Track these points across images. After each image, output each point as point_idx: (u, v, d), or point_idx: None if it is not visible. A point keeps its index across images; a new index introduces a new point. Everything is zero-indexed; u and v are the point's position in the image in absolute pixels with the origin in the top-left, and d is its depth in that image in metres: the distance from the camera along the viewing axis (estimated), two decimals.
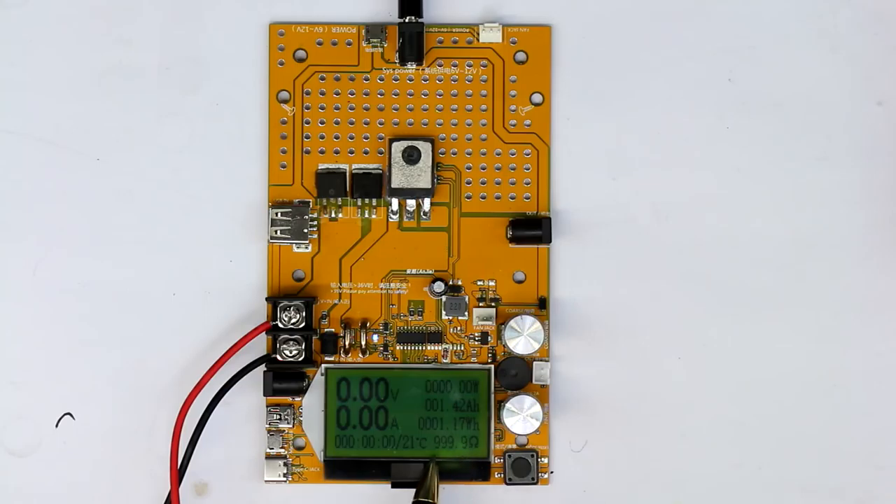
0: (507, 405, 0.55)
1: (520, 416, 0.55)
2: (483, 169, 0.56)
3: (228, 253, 0.57)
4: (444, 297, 0.56)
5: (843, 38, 0.57)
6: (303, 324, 0.55)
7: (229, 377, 0.55)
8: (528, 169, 0.56)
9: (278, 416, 0.56)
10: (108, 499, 0.57)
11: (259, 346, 0.56)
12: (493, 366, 0.56)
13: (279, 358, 0.55)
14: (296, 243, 0.56)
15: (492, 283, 0.56)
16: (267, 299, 0.56)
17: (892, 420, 0.51)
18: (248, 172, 0.57)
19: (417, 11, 0.55)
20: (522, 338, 0.55)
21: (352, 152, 0.56)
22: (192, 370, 0.56)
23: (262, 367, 0.55)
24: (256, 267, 0.57)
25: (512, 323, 0.55)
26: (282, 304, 0.55)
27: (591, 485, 0.57)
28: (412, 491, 0.56)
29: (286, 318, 0.55)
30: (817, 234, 0.56)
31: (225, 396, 0.55)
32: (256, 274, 0.57)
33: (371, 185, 0.56)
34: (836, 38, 0.57)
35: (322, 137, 0.56)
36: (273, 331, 0.55)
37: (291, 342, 0.55)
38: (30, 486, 0.57)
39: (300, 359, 0.55)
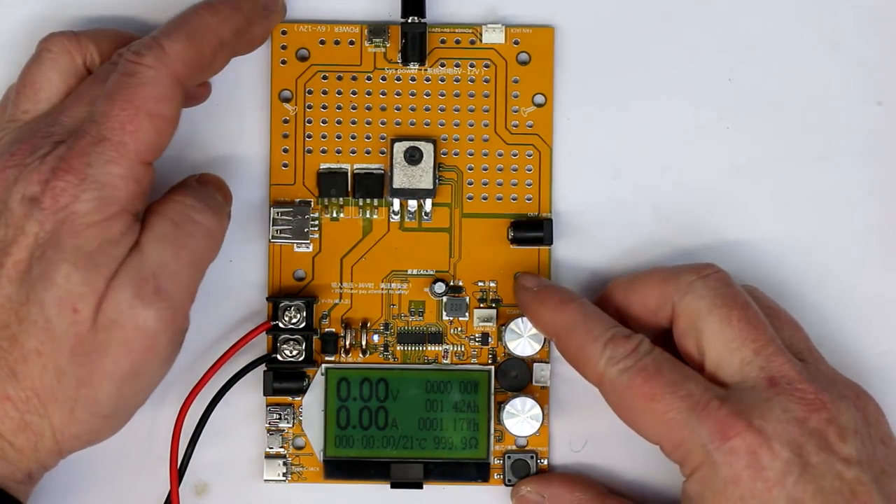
0: (507, 407, 0.55)
1: (520, 417, 0.55)
2: (485, 170, 0.56)
3: (229, 252, 0.57)
4: (444, 298, 0.56)
5: (843, 38, 0.57)
6: (303, 324, 0.55)
7: (229, 377, 0.55)
8: (529, 170, 0.56)
9: (278, 416, 0.56)
10: (109, 499, 0.56)
11: (259, 345, 0.56)
12: (493, 367, 0.56)
13: (279, 358, 0.55)
14: (297, 243, 0.56)
15: (493, 284, 0.56)
16: (268, 299, 0.56)
17: (893, 420, 0.51)
18: (249, 172, 0.57)
19: (420, 12, 0.55)
20: (523, 339, 0.55)
21: (353, 152, 0.56)
22: (192, 370, 0.56)
23: (263, 367, 0.55)
24: (257, 266, 0.57)
25: (512, 325, 0.55)
26: (282, 304, 0.55)
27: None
28: (412, 491, 0.56)
29: (287, 318, 0.55)
30: (817, 234, 0.56)
31: (225, 396, 0.55)
32: (257, 273, 0.57)
33: (373, 186, 0.56)
34: (836, 38, 0.57)
35: (324, 137, 0.56)
36: (273, 330, 0.55)
37: (292, 342, 0.55)
38: None
39: (300, 359, 0.55)
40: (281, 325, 0.55)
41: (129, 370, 0.49)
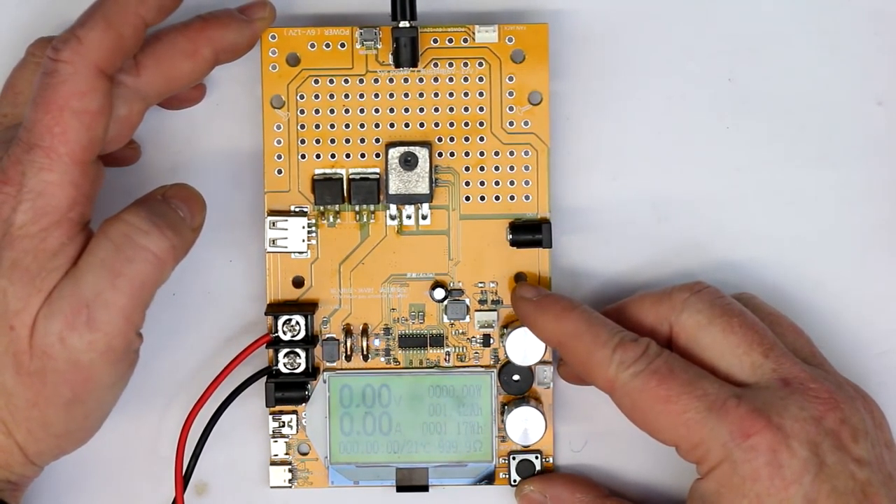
0: (511, 415, 0.55)
1: (523, 425, 0.55)
2: (482, 170, 0.56)
3: (228, 254, 0.56)
4: (445, 303, 0.56)
5: (843, 38, 0.56)
6: (303, 333, 0.55)
7: (231, 389, 0.55)
8: (527, 169, 0.56)
9: (282, 424, 0.56)
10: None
11: (261, 354, 0.55)
12: (495, 370, 0.56)
13: (281, 370, 0.55)
14: (294, 252, 0.55)
15: (493, 285, 0.56)
16: (266, 313, 0.55)
17: (893, 420, 0.52)
18: (244, 179, 0.56)
19: (411, 15, 0.54)
20: (524, 347, 0.55)
21: (348, 156, 0.56)
22: (194, 378, 0.56)
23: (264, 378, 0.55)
24: (256, 273, 0.56)
25: (514, 334, 0.55)
26: (282, 319, 0.55)
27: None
28: (416, 495, 0.56)
29: (286, 331, 0.55)
30: (817, 234, 0.56)
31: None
32: (256, 280, 0.56)
33: (369, 191, 0.55)
34: (836, 38, 0.56)
35: (318, 142, 0.56)
36: (274, 344, 0.55)
37: (292, 354, 0.55)
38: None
39: (301, 370, 0.55)
40: (281, 336, 0.55)
41: (71, 397, 0.49)
